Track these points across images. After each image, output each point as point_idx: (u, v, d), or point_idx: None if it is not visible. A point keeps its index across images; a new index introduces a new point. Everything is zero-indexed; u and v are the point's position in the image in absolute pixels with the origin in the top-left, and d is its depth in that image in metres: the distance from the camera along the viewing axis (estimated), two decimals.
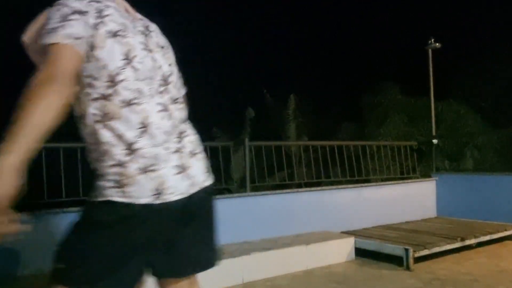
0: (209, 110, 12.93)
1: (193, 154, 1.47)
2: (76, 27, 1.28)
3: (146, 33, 1.48)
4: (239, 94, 13.45)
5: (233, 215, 4.40)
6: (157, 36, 1.54)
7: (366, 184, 5.87)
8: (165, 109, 1.41)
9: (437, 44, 9.83)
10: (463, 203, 5.86)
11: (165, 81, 1.46)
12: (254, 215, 4.53)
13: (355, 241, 4.49)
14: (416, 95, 11.59)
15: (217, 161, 5.16)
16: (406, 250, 4.04)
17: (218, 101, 13.91)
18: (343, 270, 4.11)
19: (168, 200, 1.35)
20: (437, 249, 4.28)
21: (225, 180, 6.88)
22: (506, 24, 12.14)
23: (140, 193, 1.31)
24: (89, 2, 1.35)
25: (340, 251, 4.40)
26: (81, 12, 1.31)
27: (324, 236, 4.54)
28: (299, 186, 6.03)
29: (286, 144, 9.22)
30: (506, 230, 4.98)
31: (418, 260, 4.12)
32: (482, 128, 10.98)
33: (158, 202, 1.33)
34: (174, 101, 1.48)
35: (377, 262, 4.25)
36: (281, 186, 6.34)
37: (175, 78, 1.55)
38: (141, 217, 1.33)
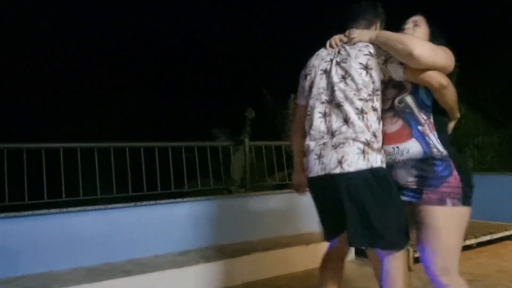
0: (209, 110, 12.93)
1: (334, 147, 1.92)
2: None
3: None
4: (239, 94, 13.42)
5: (233, 215, 4.40)
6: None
7: None
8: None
9: None
10: None
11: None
12: (254, 215, 4.53)
13: None
14: None
15: (217, 161, 5.16)
16: (407, 250, 4.03)
17: (218, 101, 13.89)
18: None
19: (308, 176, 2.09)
20: None
21: (225, 180, 6.86)
22: (506, 24, 12.14)
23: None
24: None
25: None
26: None
27: None
28: None
29: (286, 144, 9.19)
30: (506, 230, 4.98)
31: (418, 260, 4.11)
32: (482, 128, 10.96)
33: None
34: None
35: None
36: (281, 186, 6.34)
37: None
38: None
